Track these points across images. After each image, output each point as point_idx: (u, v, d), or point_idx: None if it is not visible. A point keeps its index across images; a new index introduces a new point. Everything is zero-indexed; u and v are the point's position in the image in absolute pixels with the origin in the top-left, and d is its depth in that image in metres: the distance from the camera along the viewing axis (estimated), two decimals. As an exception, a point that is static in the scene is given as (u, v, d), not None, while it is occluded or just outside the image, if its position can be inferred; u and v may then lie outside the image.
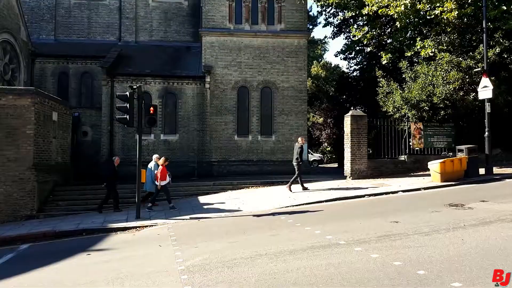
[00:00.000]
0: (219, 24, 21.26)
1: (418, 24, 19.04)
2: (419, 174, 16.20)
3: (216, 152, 20.72)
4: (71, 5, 23.96)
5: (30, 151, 14.28)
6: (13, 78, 20.15)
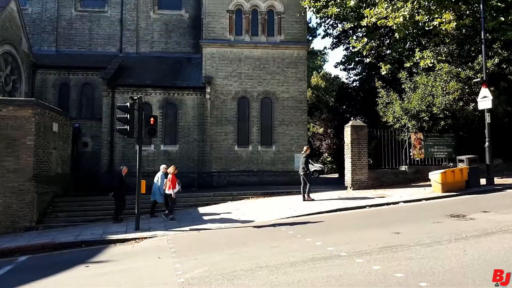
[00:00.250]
0: (220, 35, 21.41)
1: (417, 35, 19.15)
2: (420, 184, 16.13)
3: (216, 162, 20.70)
4: (73, 17, 24.17)
5: (30, 162, 14.26)
6: (14, 89, 20.23)
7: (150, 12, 24.58)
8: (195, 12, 24.51)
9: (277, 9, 21.84)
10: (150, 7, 24.56)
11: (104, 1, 24.61)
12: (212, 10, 21.41)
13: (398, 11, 16.91)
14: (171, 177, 13.07)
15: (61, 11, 23.99)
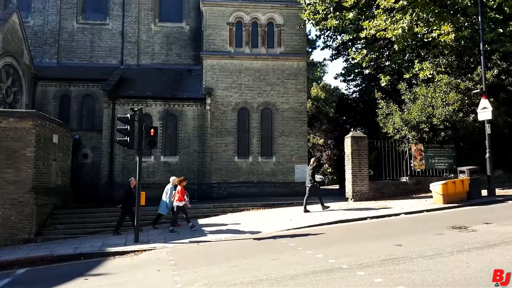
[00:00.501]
0: (220, 47, 21.56)
1: (416, 47, 19.28)
2: (421, 196, 16.07)
3: (216, 173, 20.66)
4: (74, 29, 24.36)
5: (29, 173, 14.22)
6: (15, 101, 20.30)
7: (151, 25, 24.79)
8: (196, 25, 24.72)
9: (277, 21, 22.02)
10: (151, 20, 24.78)
11: (105, 14, 24.83)
12: (212, 23, 21.59)
13: (397, 23, 17.05)
14: (180, 188, 13.04)
15: (62, 24, 24.19)
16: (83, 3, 24.87)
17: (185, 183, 13.35)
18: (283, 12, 22.02)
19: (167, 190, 13.91)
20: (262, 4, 21.87)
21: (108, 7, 24.80)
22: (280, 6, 21.97)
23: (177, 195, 12.96)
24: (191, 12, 25.05)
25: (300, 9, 21.46)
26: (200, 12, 23.59)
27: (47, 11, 24.07)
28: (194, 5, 24.89)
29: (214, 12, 21.65)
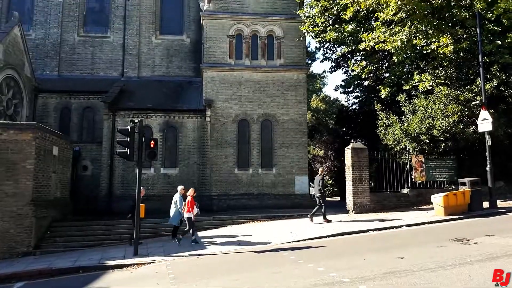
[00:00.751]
0: (220, 59, 21.68)
1: (415, 59, 19.37)
2: (422, 208, 15.99)
3: (216, 185, 20.58)
4: (76, 42, 24.53)
5: (29, 186, 14.16)
6: (15, 113, 20.34)
7: (152, 37, 24.97)
8: (196, 37, 24.90)
9: (276, 34, 22.19)
10: (152, 33, 24.97)
11: (106, 27, 25.03)
12: (213, 35, 21.75)
13: (395, 35, 17.17)
14: (190, 199, 12.97)
15: (64, 37, 24.37)
16: (84, 16, 25.09)
17: (194, 194, 13.30)
18: (282, 25, 22.19)
19: (175, 200, 13.80)
20: (262, 17, 22.06)
21: (109, 20, 25.01)
22: (280, 19, 22.16)
23: (187, 206, 12.90)
24: (192, 25, 25.26)
25: (300, 21, 21.65)
26: (200, 25, 23.79)
27: (49, 24, 24.28)
28: (195, 18, 25.12)
29: (214, 25, 21.83)
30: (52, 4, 24.42)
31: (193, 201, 13.00)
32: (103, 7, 25.51)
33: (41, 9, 24.45)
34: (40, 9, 24.46)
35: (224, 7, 22.00)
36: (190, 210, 12.81)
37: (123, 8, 24.84)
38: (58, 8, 24.42)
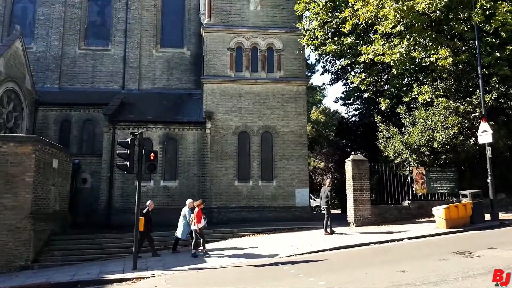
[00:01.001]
0: (220, 72, 21.77)
1: (414, 71, 19.44)
2: (424, 220, 15.88)
3: (216, 198, 20.48)
4: (77, 55, 24.69)
5: (28, 199, 14.07)
6: (15, 125, 20.36)
7: (153, 50, 25.14)
8: (197, 50, 25.07)
9: (276, 46, 22.33)
10: (153, 46, 25.14)
11: (108, 40, 25.22)
12: (213, 48, 21.88)
13: (394, 48, 17.26)
14: (198, 210, 12.91)
15: (65, 50, 24.54)
16: (85, 29, 25.31)
17: (202, 206, 13.25)
18: (282, 38, 22.35)
19: (184, 214, 13.73)
20: (262, 30, 22.23)
21: (110, 34, 25.22)
22: (280, 32, 22.33)
23: (195, 218, 12.84)
24: (192, 38, 25.45)
25: (299, 34, 21.82)
26: (201, 38, 23.98)
27: (50, 38, 24.47)
28: (195, 31, 25.32)
29: (214, 38, 21.98)
30: (54, 17, 24.65)
31: (201, 213, 12.97)
32: (104, 21, 25.76)
33: (43, 23, 24.67)
34: (42, 22, 24.69)
35: (224, 21, 22.18)
36: (198, 221, 12.77)
37: (124, 21, 25.07)
38: (60, 22, 24.64)
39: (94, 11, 25.89)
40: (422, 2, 15.41)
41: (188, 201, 14.09)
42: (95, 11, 25.90)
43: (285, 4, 22.55)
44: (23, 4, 25.45)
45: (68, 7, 24.95)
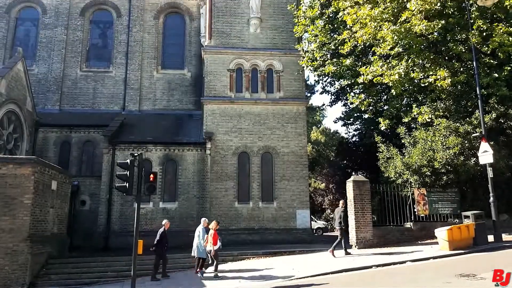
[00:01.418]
0: (221, 92, 21.90)
1: (413, 92, 19.55)
2: (427, 242, 15.66)
3: (216, 220, 20.19)
4: (78, 76, 24.89)
5: (26, 221, 13.89)
6: (15, 147, 20.33)
7: (154, 72, 25.37)
8: (197, 71, 25.30)
9: (276, 67, 22.53)
10: (154, 67, 25.39)
11: (109, 62, 25.49)
12: (213, 69, 22.07)
13: (393, 69, 17.39)
14: (213, 233, 12.77)
15: (66, 71, 24.76)
16: (87, 51, 25.61)
17: (218, 227, 13.12)
18: (282, 59, 22.57)
19: (198, 233, 13.59)
20: (262, 52, 22.47)
21: (112, 56, 25.50)
22: (279, 54, 22.56)
23: (210, 239, 12.69)
24: (193, 59, 25.72)
25: (298, 56, 22.05)
26: (201, 60, 24.23)
27: (52, 60, 24.73)
28: (196, 53, 25.61)
29: (215, 60, 22.20)
30: (56, 40, 24.97)
31: (217, 234, 12.85)
32: (106, 43, 26.09)
33: (45, 45, 24.98)
34: (44, 45, 24.99)
35: (224, 43, 22.45)
36: (214, 243, 12.62)
37: (126, 44, 25.38)
38: (62, 44, 24.95)
39: (96, 33, 26.26)
40: (419, 24, 15.59)
41: (203, 219, 14.03)
42: (97, 34, 26.27)
43: (284, 26, 22.87)
44: (25, 27, 25.84)
45: (70, 30, 25.31)
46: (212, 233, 12.79)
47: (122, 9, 25.91)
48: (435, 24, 15.73)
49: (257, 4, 22.69)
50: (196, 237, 13.64)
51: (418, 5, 15.47)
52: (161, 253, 13.20)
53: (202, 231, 13.46)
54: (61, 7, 25.40)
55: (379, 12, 16.56)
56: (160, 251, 13.14)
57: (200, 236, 13.46)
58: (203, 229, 13.51)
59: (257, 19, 22.62)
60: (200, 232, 13.49)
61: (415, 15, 15.73)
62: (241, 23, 22.72)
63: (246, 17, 22.73)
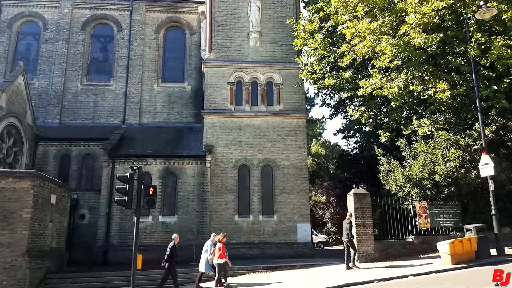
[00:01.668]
0: (221, 105, 21.94)
1: (413, 104, 19.57)
2: (429, 256, 15.50)
3: (216, 234, 20.02)
4: (79, 90, 24.98)
5: (25, 235, 13.80)
6: (15, 161, 20.29)
7: (154, 85, 25.48)
8: (197, 84, 25.40)
9: (275, 80, 22.62)
10: (154, 81, 25.50)
11: (109, 76, 25.61)
12: (213, 82, 22.15)
13: (392, 81, 17.43)
14: (221, 246, 12.66)
15: (67, 85, 24.86)
16: (88, 65, 25.76)
17: (225, 240, 13.02)
18: (281, 72, 22.67)
19: (207, 248, 13.49)
20: (261, 65, 22.59)
21: (112, 69, 25.64)
22: (279, 67, 22.67)
23: (217, 252, 12.57)
24: (193, 72, 25.85)
25: (298, 69, 22.14)
26: (201, 73, 24.34)
27: (53, 73, 24.85)
28: (196, 66, 25.75)
29: (215, 73, 22.29)
30: (57, 54, 25.13)
31: (224, 248, 12.76)
32: (106, 57, 26.27)
33: (46, 59, 25.13)
34: (45, 59, 25.15)
35: (224, 56, 22.58)
36: (223, 256, 12.51)
37: (127, 57, 25.54)
38: (63, 58, 25.10)
39: (97, 47, 26.46)
40: (418, 38, 15.68)
41: (212, 235, 13.95)
42: (98, 48, 26.47)
43: (284, 40, 23.03)
44: (27, 41, 26.04)
45: (71, 44, 25.50)
46: (220, 246, 12.68)
47: (123, 23, 26.14)
48: (434, 37, 15.83)
49: (257, 18, 22.90)
50: (204, 252, 13.51)
51: (417, 18, 15.58)
52: (171, 267, 13.06)
53: (210, 246, 13.36)
54: (62, 22, 25.63)
55: (377, 25, 16.68)
56: (170, 266, 13.01)
57: (208, 251, 13.35)
58: (211, 244, 13.41)
59: (257, 32, 22.81)
60: (209, 247, 13.39)
61: (414, 28, 15.83)
62: (241, 37, 22.89)
63: (246, 31, 22.91)
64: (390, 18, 17.08)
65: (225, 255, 12.66)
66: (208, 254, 13.30)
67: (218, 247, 12.72)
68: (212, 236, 13.87)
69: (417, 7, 15.52)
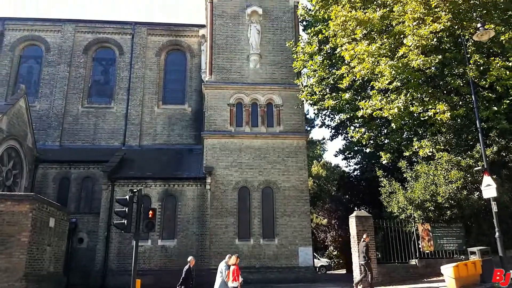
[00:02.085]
0: (221, 127, 21.95)
1: (413, 125, 19.54)
2: (433, 280, 15.18)
3: (216, 258, 19.65)
4: (79, 112, 25.08)
5: (22, 260, 13.57)
6: (14, 183, 20.17)
7: (155, 107, 25.60)
8: (197, 106, 25.52)
9: (275, 102, 22.72)
10: (154, 103, 25.64)
11: (110, 98, 25.78)
12: (213, 104, 22.24)
13: (392, 103, 17.44)
14: (235, 268, 12.39)
15: (68, 108, 24.98)
16: (89, 88, 25.98)
17: (237, 261, 12.78)
18: (281, 94, 22.80)
19: (221, 270, 13.15)
20: (261, 87, 22.74)
21: (113, 92, 25.83)
22: (279, 88, 22.81)
23: (231, 275, 12.29)
24: (193, 94, 26.02)
25: (298, 90, 22.24)
26: (201, 94, 24.48)
27: (54, 96, 25.02)
28: (197, 88, 25.94)
29: (215, 95, 22.41)
30: (58, 77, 25.37)
31: (238, 270, 12.47)
32: (108, 80, 26.51)
33: (48, 82, 25.35)
34: (47, 81, 25.37)
35: (224, 78, 22.76)
36: (237, 279, 12.23)
37: (128, 80, 25.77)
38: (64, 81, 25.33)
39: (98, 70, 26.74)
40: (417, 59, 15.77)
41: (228, 256, 13.62)
42: (99, 71, 26.75)
43: (284, 62, 23.26)
44: (29, 64, 26.36)
45: (73, 67, 25.77)
46: (234, 268, 12.41)
47: (124, 47, 26.48)
48: (432, 59, 15.93)
49: (257, 41, 23.19)
50: (218, 275, 13.17)
51: (415, 40, 15.72)
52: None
53: (224, 268, 13.03)
54: (64, 45, 25.97)
55: (376, 47, 16.81)
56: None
57: (223, 273, 13.01)
58: (225, 266, 13.07)
59: (257, 55, 23.05)
60: (223, 270, 13.05)
61: (412, 50, 15.95)
62: (241, 59, 23.12)
63: (246, 53, 23.16)
64: (389, 40, 17.24)
65: (238, 278, 12.34)
66: (224, 276, 12.95)
67: (232, 269, 12.44)
68: (226, 257, 13.54)
69: (415, 30, 15.68)
